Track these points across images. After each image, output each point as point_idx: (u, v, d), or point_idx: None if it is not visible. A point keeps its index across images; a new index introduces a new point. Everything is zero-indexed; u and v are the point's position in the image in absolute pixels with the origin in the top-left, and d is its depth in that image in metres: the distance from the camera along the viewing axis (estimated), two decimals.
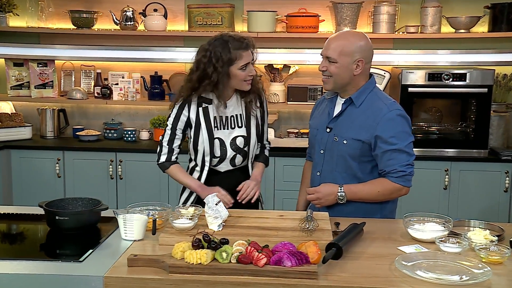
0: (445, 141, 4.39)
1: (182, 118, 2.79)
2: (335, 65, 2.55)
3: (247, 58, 2.68)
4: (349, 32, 2.68)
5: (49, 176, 4.50)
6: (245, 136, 2.82)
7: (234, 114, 2.81)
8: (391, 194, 2.60)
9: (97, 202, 2.44)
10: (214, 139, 2.78)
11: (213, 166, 2.83)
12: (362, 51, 2.57)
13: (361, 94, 2.59)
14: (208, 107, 2.77)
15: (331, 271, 1.97)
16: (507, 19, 4.46)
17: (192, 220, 2.30)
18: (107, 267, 1.99)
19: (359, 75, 2.57)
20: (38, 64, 4.80)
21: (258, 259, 1.92)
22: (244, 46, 2.68)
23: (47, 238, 2.37)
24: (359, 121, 2.57)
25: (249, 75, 2.70)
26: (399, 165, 2.54)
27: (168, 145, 2.83)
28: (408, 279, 1.90)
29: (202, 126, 2.77)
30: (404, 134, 2.57)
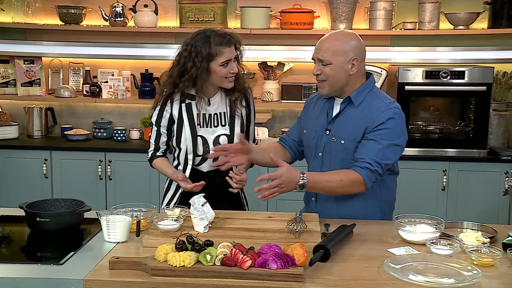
0: (444, 141, 4.40)
1: (164, 114, 2.82)
2: (329, 67, 2.53)
3: (228, 54, 2.69)
4: (339, 32, 2.66)
5: (36, 176, 4.51)
6: (228, 135, 2.83)
7: (218, 112, 2.82)
8: (351, 186, 2.49)
9: (80, 203, 2.45)
10: (197, 136, 2.79)
11: (195, 165, 2.83)
12: (355, 49, 2.56)
13: (360, 94, 2.59)
14: (191, 104, 2.79)
15: (318, 274, 1.98)
16: (508, 15, 4.46)
17: (177, 222, 2.31)
18: (88, 270, 2.00)
19: (356, 74, 2.56)
20: (24, 61, 4.81)
21: (242, 262, 1.93)
22: (225, 42, 2.68)
23: (28, 240, 2.37)
24: (356, 120, 2.57)
25: (230, 72, 2.71)
26: (370, 157, 2.48)
27: (154, 142, 2.89)
28: (396, 281, 1.91)
29: (185, 123, 2.79)
30: (392, 133, 2.53)
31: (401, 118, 2.57)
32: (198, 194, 2.39)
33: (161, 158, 2.90)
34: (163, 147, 2.89)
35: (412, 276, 1.92)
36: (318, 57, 2.57)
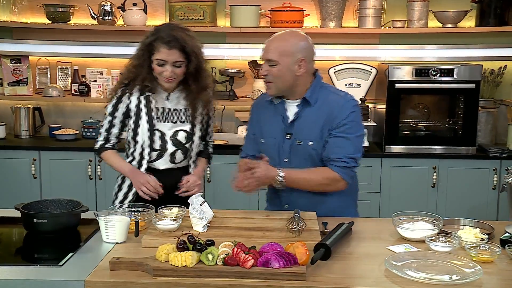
0: (433, 138, 4.43)
1: (121, 105, 2.78)
2: (276, 67, 2.53)
3: (165, 55, 2.62)
4: (288, 33, 2.64)
5: (24, 177, 4.46)
6: (188, 132, 2.80)
7: (178, 108, 2.79)
8: (329, 184, 2.55)
9: (76, 203, 2.43)
10: (155, 130, 2.75)
11: (151, 161, 2.79)
12: (303, 50, 2.56)
13: (313, 93, 2.60)
14: (150, 96, 2.75)
15: (320, 272, 1.98)
16: (495, 13, 4.50)
17: (176, 221, 2.29)
18: (88, 271, 1.98)
19: (304, 75, 2.57)
20: (11, 60, 4.75)
21: (245, 261, 1.93)
22: (166, 42, 2.62)
23: (24, 241, 2.34)
24: (317, 119, 2.58)
25: (164, 73, 2.65)
26: (344, 155, 2.53)
27: (106, 132, 2.84)
28: (398, 279, 1.91)
29: (142, 116, 2.75)
30: (356, 125, 2.58)
31: (358, 108, 2.64)
32: (196, 193, 2.38)
33: (112, 150, 2.85)
34: (113, 139, 2.84)
35: (414, 273, 1.92)
36: (266, 57, 2.57)
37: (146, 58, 2.67)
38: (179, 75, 2.69)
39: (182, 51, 2.63)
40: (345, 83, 4.50)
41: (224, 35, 4.77)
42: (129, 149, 2.85)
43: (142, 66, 2.68)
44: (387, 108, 4.32)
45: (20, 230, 2.40)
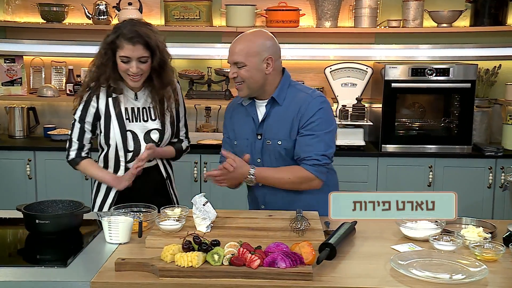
0: (429, 138, 4.45)
1: (90, 109, 2.72)
2: (244, 68, 2.53)
3: (129, 52, 2.58)
4: (251, 33, 2.63)
5: (19, 177, 4.43)
6: (160, 130, 2.77)
7: (147, 106, 2.75)
8: (302, 183, 2.57)
9: (78, 204, 2.41)
10: (127, 131, 2.72)
11: (127, 162, 2.76)
12: (268, 48, 2.56)
13: (281, 91, 2.61)
14: (118, 97, 2.71)
15: (325, 272, 1.98)
16: (489, 13, 4.53)
17: (179, 222, 2.29)
18: (93, 272, 1.97)
19: (272, 73, 2.58)
20: (5, 60, 4.72)
21: (251, 261, 1.92)
22: (128, 38, 2.58)
23: (26, 242, 2.32)
24: (286, 118, 2.59)
25: (129, 70, 2.61)
26: (315, 153, 2.54)
27: (78, 140, 2.77)
28: (404, 278, 1.92)
29: (112, 118, 2.71)
30: (324, 121, 2.58)
31: (327, 104, 2.63)
32: (199, 193, 2.38)
33: (89, 160, 2.80)
34: (87, 146, 2.78)
35: (419, 272, 1.93)
36: (232, 60, 2.57)
37: (110, 57, 2.62)
38: (145, 71, 2.64)
39: (146, 46, 2.60)
40: (341, 82, 4.49)
41: (219, 35, 4.76)
42: (102, 152, 2.80)
43: (106, 65, 2.63)
44: (383, 108, 4.34)
45: (19, 231, 2.39)
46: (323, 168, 2.58)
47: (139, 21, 2.70)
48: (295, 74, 4.80)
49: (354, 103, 4.42)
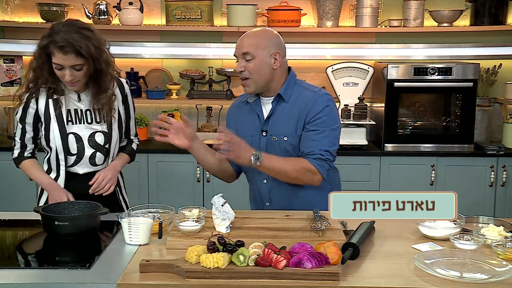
0: (431, 136, 4.46)
1: (30, 111, 2.65)
2: (253, 62, 2.55)
3: (61, 60, 2.49)
4: (259, 29, 2.69)
5: (20, 179, 4.38)
6: (105, 132, 2.70)
7: (91, 108, 2.67)
8: (304, 174, 2.54)
9: (95, 206, 2.40)
10: (68, 134, 2.65)
11: (70, 166, 2.70)
12: (276, 44, 2.60)
13: (287, 88, 2.62)
14: (59, 99, 2.63)
15: (350, 272, 1.98)
16: (489, 12, 4.56)
17: (199, 223, 2.28)
18: (116, 274, 1.95)
19: (279, 69, 2.60)
20: (4, 60, 4.68)
21: (277, 261, 1.92)
22: (58, 46, 2.47)
23: (46, 244, 2.30)
24: (291, 115, 2.60)
25: (63, 78, 2.53)
26: (318, 148, 2.55)
27: (20, 140, 2.73)
28: (430, 278, 1.92)
29: (52, 120, 2.63)
30: (330, 119, 2.60)
31: (333, 103, 2.65)
32: (217, 194, 2.37)
33: (31, 160, 2.75)
34: (30, 146, 2.73)
35: (445, 271, 1.94)
36: (241, 52, 2.58)
37: (45, 60, 2.54)
38: (82, 77, 2.56)
39: (78, 54, 2.48)
40: (342, 82, 4.51)
41: (220, 34, 4.75)
42: (46, 155, 2.76)
43: (42, 69, 2.56)
44: (385, 107, 4.35)
45: (39, 233, 2.37)
46: (326, 164, 2.58)
47: (74, 26, 2.55)
48: (296, 74, 4.81)
49: (356, 102, 4.43)
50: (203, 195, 4.41)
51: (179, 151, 4.39)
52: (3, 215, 2.66)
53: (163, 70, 4.82)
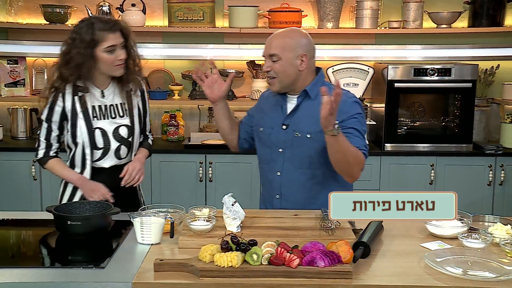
0: (430, 136, 4.48)
1: (56, 109, 2.70)
2: (279, 62, 2.55)
3: (113, 40, 2.62)
4: (289, 30, 2.68)
5: (24, 178, 4.38)
6: (129, 126, 2.78)
7: (115, 103, 2.76)
8: (357, 164, 2.48)
9: (106, 205, 2.39)
10: (95, 129, 2.71)
11: (96, 161, 2.75)
12: (304, 45, 2.58)
13: (314, 86, 2.61)
14: (84, 96, 2.69)
15: (361, 270, 1.98)
16: (487, 14, 4.58)
17: (210, 222, 2.27)
18: (131, 273, 1.95)
19: (305, 71, 2.59)
20: (8, 61, 4.66)
21: (290, 260, 1.92)
22: (109, 28, 2.62)
23: (57, 244, 2.30)
24: (318, 112, 2.49)
25: (118, 59, 2.64)
26: (363, 144, 2.54)
27: (45, 139, 2.75)
28: (441, 276, 1.92)
29: (79, 116, 2.69)
30: (362, 119, 2.61)
31: (360, 103, 2.66)
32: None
33: (57, 159, 2.78)
34: (55, 145, 2.76)
35: (455, 270, 1.94)
36: (268, 53, 2.58)
37: (89, 53, 2.60)
38: (125, 57, 2.69)
39: (122, 32, 2.66)
40: (343, 82, 4.51)
41: (222, 36, 4.75)
42: (70, 153, 2.79)
43: (83, 63, 2.60)
44: (386, 107, 4.36)
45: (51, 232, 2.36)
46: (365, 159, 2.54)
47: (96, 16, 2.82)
48: None
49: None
50: (205, 194, 4.40)
51: (181, 151, 4.46)
52: (11, 214, 2.65)
53: (165, 71, 4.81)
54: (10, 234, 2.49)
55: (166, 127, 4.68)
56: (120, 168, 2.77)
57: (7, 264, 2.07)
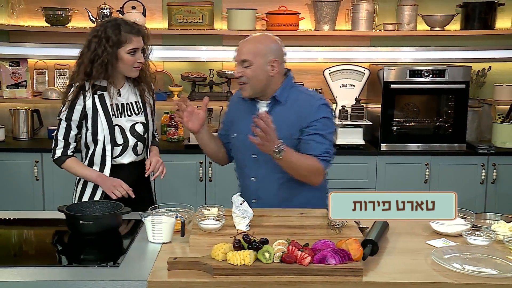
0: (425, 136, 4.49)
1: (77, 107, 2.71)
2: (251, 68, 2.54)
3: (136, 43, 2.68)
4: (259, 35, 2.67)
5: (26, 179, 4.35)
6: (144, 123, 2.83)
7: (130, 101, 2.81)
8: (314, 174, 2.53)
9: (116, 205, 2.38)
10: (114, 126, 2.74)
11: (116, 157, 2.77)
12: (275, 51, 2.58)
13: (283, 91, 2.61)
14: (103, 95, 2.73)
15: (370, 267, 1.99)
16: (479, 17, 4.60)
17: (219, 221, 2.27)
18: (145, 271, 1.94)
19: (276, 76, 2.59)
20: (10, 63, 4.62)
21: (302, 258, 1.92)
22: (134, 31, 2.69)
23: (68, 243, 2.29)
24: (287, 117, 2.58)
25: (137, 61, 2.70)
26: (324, 150, 2.55)
27: (64, 139, 2.75)
28: (448, 273, 1.93)
29: (100, 114, 2.72)
30: (329, 122, 2.61)
31: (329, 107, 2.66)
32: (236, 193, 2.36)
33: (74, 158, 2.77)
34: (73, 144, 2.76)
35: (462, 266, 1.95)
36: (240, 58, 2.57)
37: (113, 54, 2.66)
38: (143, 60, 2.76)
39: (143, 37, 2.74)
40: (339, 83, 4.51)
41: (221, 38, 4.74)
42: (87, 152, 2.79)
43: (107, 62, 2.65)
44: (382, 108, 4.37)
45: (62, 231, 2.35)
46: (329, 164, 2.57)
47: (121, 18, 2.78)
48: (295, 76, 4.80)
49: (353, 103, 4.44)
50: (205, 194, 4.39)
51: (181, 151, 4.45)
52: (17, 214, 2.65)
53: (165, 73, 4.80)
54: (21, 233, 2.49)
55: (166, 127, 4.68)
56: (137, 164, 2.83)
57: (22, 263, 2.06)
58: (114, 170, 2.76)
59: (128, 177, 2.75)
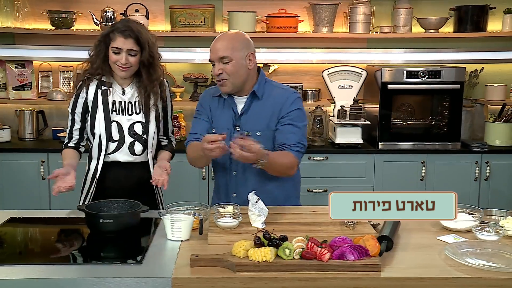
0: (421, 135, 4.50)
1: (80, 101, 2.75)
2: (231, 63, 2.53)
3: (120, 43, 2.63)
4: (231, 32, 2.65)
5: (32, 178, 4.31)
6: (143, 123, 2.76)
7: (133, 100, 2.76)
8: (288, 168, 2.54)
9: (133, 203, 2.36)
10: (112, 122, 2.72)
11: (111, 153, 2.74)
12: (249, 45, 2.60)
13: (260, 87, 2.62)
14: (107, 90, 2.73)
15: (387, 263, 1.99)
16: (471, 20, 4.63)
17: (236, 219, 2.26)
18: (167, 268, 1.93)
19: (253, 69, 2.60)
20: (15, 65, 4.58)
21: (322, 254, 1.92)
22: (121, 32, 2.64)
23: (88, 241, 2.27)
24: (265, 111, 2.60)
25: (119, 61, 2.63)
26: (297, 140, 2.56)
27: (69, 131, 2.80)
28: (463, 267, 1.94)
29: (99, 108, 2.72)
30: (302, 115, 2.64)
31: (302, 101, 2.69)
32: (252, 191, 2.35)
33: (71, 149, 2.77)
34: (75, 137, 2.78)
35: (475, 261, 1.95)
36: (218, 56, 2.55)
37: (102, 48, 2.67)
38: (133, 64, 2.67)
39: (136, 41, 2.65)
40: (338, 84, 4.52)
41: None
42: (90, 145, 2.80)
43: (97, 56, 2.68)
44: (380, 108, 4.38)
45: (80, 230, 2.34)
46: (301, 155, 2.59)
47: (134, 20, 2.75)
48: (294, 77, 4.83)
49: (351, 103, 4.44)
50: (208, 193, 4.37)
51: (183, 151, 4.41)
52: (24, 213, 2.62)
53: (167, 74, 4.77)
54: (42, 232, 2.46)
55: None
56: (137, 166, 2.76)
57: (47, 261, 2.03)
58: (110, 167, 2.74)
59: (125, 178, 2.73)
